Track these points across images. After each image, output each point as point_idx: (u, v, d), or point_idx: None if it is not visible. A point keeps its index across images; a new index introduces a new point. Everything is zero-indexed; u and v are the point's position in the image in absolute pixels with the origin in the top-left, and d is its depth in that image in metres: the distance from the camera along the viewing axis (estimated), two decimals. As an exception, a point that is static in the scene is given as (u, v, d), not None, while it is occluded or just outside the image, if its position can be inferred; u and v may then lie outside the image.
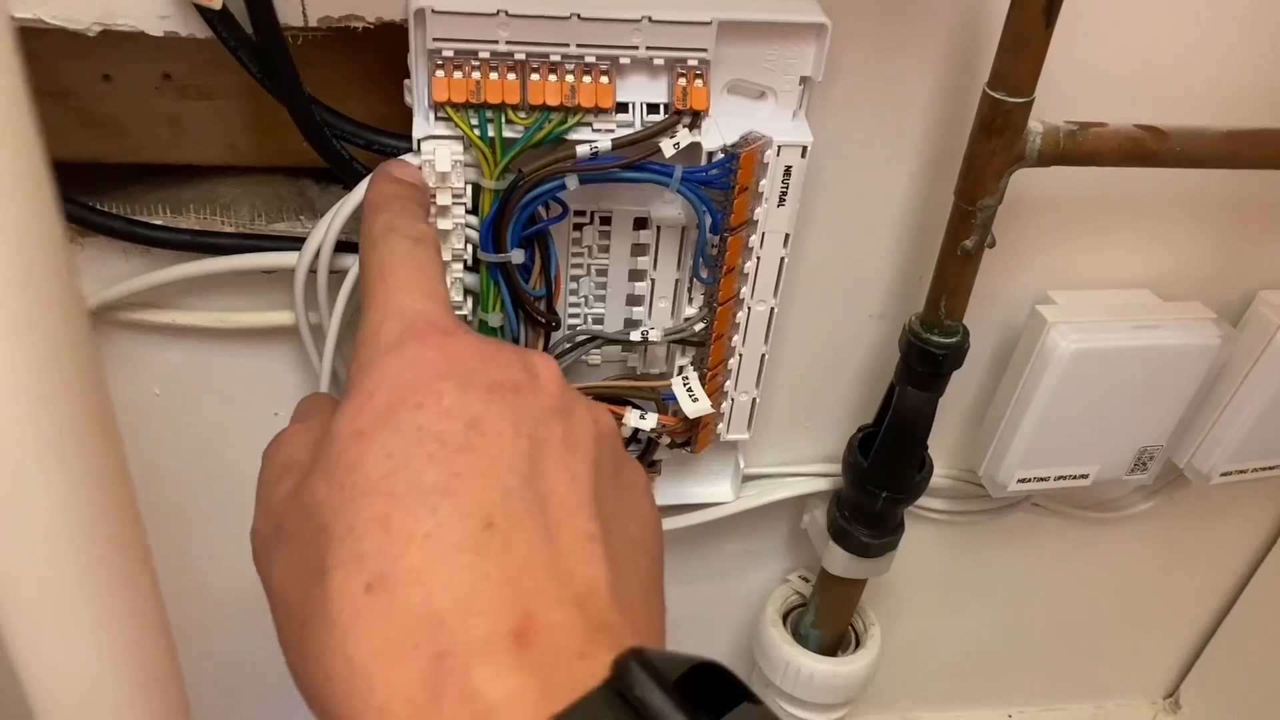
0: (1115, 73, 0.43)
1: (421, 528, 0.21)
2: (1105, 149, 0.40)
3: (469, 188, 0.36)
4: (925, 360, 0.44)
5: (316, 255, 0.39)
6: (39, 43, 0.35)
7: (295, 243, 0.39)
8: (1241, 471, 0.54)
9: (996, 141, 0.38)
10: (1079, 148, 0.39)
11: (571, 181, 0.36)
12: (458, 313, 0.39)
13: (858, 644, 0.58)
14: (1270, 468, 0.54)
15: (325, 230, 0.38)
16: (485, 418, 0.23)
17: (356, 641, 0.20)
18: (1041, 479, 0.51)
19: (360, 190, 0.37)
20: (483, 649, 0.20)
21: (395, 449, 0.22)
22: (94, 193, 0.40)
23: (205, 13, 0.33)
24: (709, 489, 0.50)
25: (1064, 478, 0.51)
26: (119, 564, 0.26)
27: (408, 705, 0.19)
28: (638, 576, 0.25)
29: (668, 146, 0.36)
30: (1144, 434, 0.51)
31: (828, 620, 0.57)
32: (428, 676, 0.19)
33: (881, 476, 0.48)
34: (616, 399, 0.43)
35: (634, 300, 0.42)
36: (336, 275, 0.39)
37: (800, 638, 0.57)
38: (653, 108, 0.36)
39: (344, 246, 0.39)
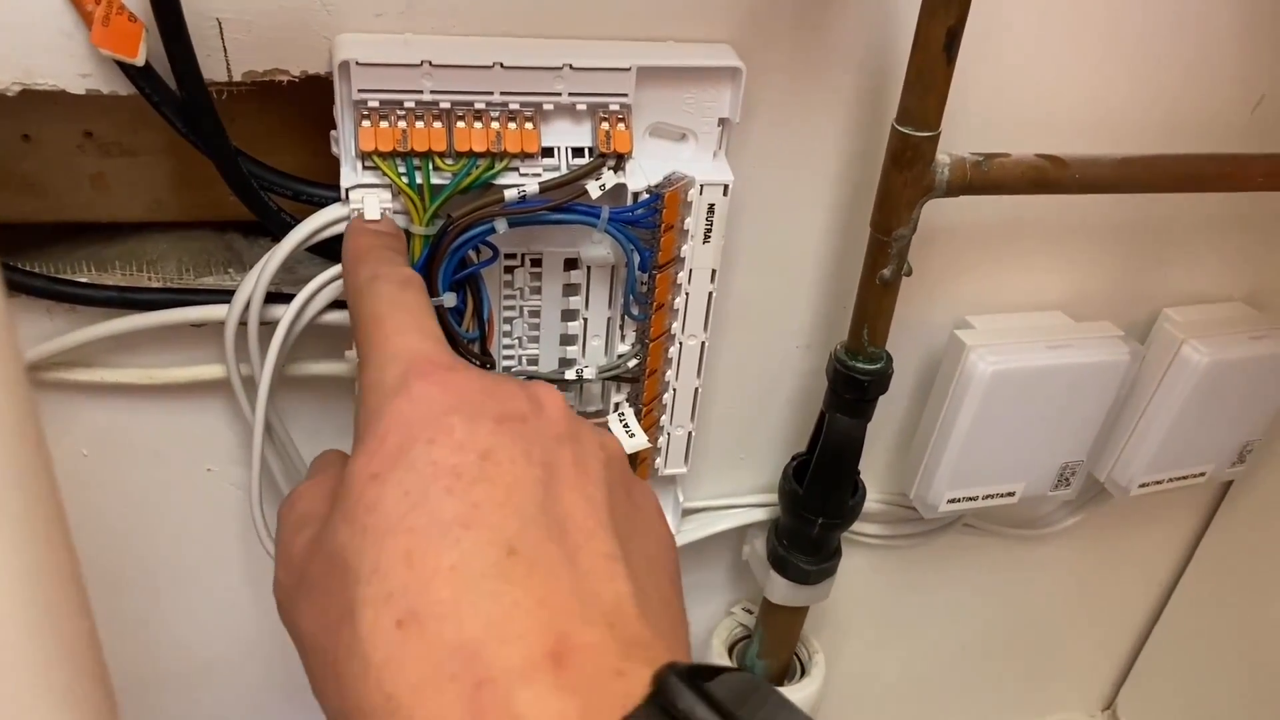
0: (1017, 106, 0.45)
1: (446, 560, 0.21)
2: (1010, 178, 0.42)
3: (399, 234, 0.37)
4: (852, 387, 0.45)
5: (246, 307, 0.38)
6: (-44, 104, 0.35)
7: (224, 296, 0.39)
8: (1158, 482, 0.56)
9: (907, 174, 0.40)
10: (985, 178, 0.41)
11: (501, 225, 0.36)
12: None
13: (803, 673, 0.59)
14: (1185, 477, 0.57)
15: (255, 281, 0.38)
16: (496, 448, 0.24)
17: (393, 678, 0.20)
18: (970, 498, 0.52)
19: (290, 240, 0.37)
20: (521, 674, 0.20)
21: (412, 486, 0.23)
22: (16, 252, 0.40)
23: (128, 69, 0.34)
24: (649, 524, 0.51)
25: (992, 496, 0.53)
26: (62, 630, 0.26)
27: None
28: (659, 592, 0.25)
29: (594, 188, 0.37)
30: (1064, 450, 0.53)
31: (772, 650, 0.57)
32: (468, 705, 0.20)
33: (816, 503, 0.49)
34: (554, 438, 0.43)
35: (567, 340, 0.43)
36: (267, 327, 0.39)
37: (746, 669, 0.58)
38: (578, 151, 0.37)
39: (274, 298, 0.39)
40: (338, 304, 0.39)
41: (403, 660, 0.21)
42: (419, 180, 0.35)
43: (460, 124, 0.35)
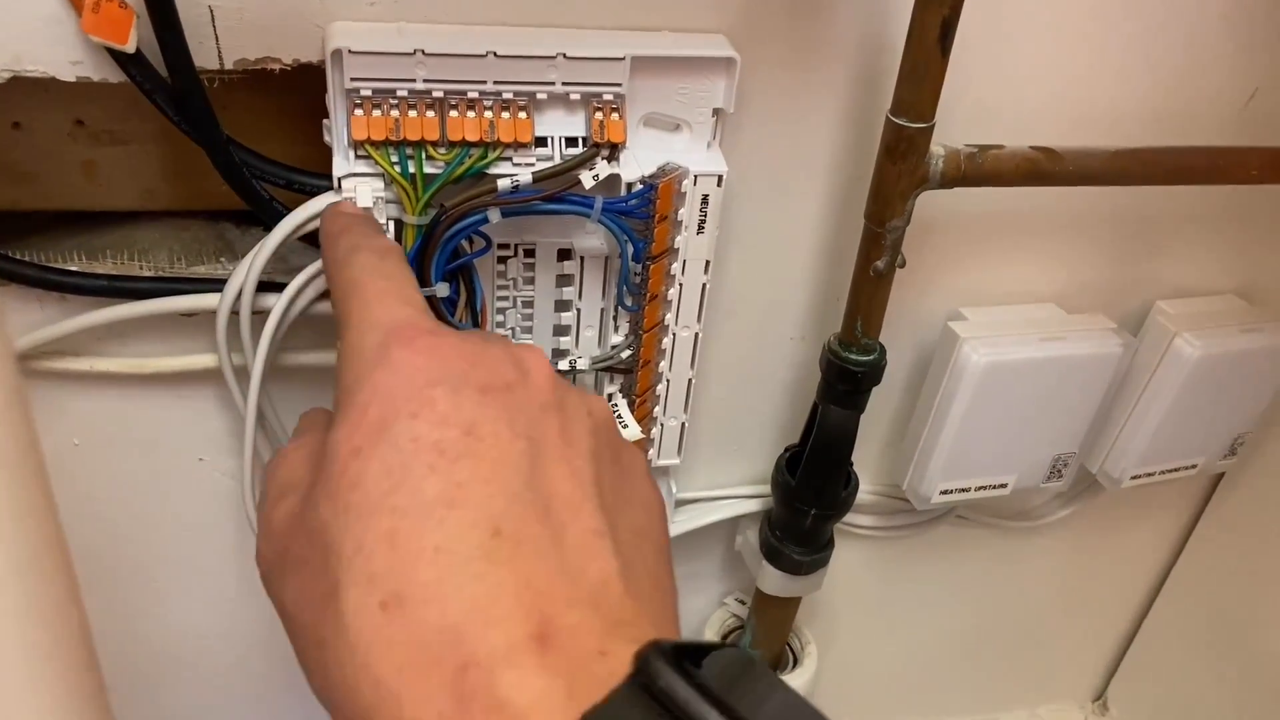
0: (1011, 99, 0.45)
1: (430, 541, 0.21)
2: (1004, 170, 0.42)
3: (391, 224, 0.36)
4: (845, 378, 0.45)
5: (238, 296, 0.38)
6: (-55, 91, 0.35)
7: (216, 285, 0.39)
8: (1150, 474, 0.56)
9: (901, 165, 0.40)
10: (979, 169, 0.41)
11: (494, 215, 0.36)
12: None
13: (795, 663, 0.59)
14: (1177, 469, 0.57)
15: (247, 270, 0.38)
16: (480, 421, 0.23)
17: (379, 660, 0.20)
18: (963, 490, 0.53)
19: (282, 228, 0.37)
20: (505, 657, 0.20)
21: (395, 463, 0.22)
22: (6, 241, 0.39)
23: (118, 56, 0.33)
24: (642, 515, 0.51)
25: (984, 488, 0.53)
26: (50, 619, 0.26)
27: (437, 718, 0.20)
28: (646, 566, 0.25)
29: (587, 178, 0.37)
30: (1057, 442, 0.53)
31: (765, 641, 0.57)
32: (454, 689, 0.20)
33: (809, 494, 0.49)
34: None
35: (561, 330, 0.43)
36: (259, 316, 0.39)
37: (739, 646, 0.58)
38: (571, 141, 0.37)
39: (266, 286, 0.38)
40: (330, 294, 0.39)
41: (387, 643, 0.21)
42: (411, 169, 0.35)
43: (453, 113, 0.35)
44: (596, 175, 0.37)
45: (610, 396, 0.44)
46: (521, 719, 0.19)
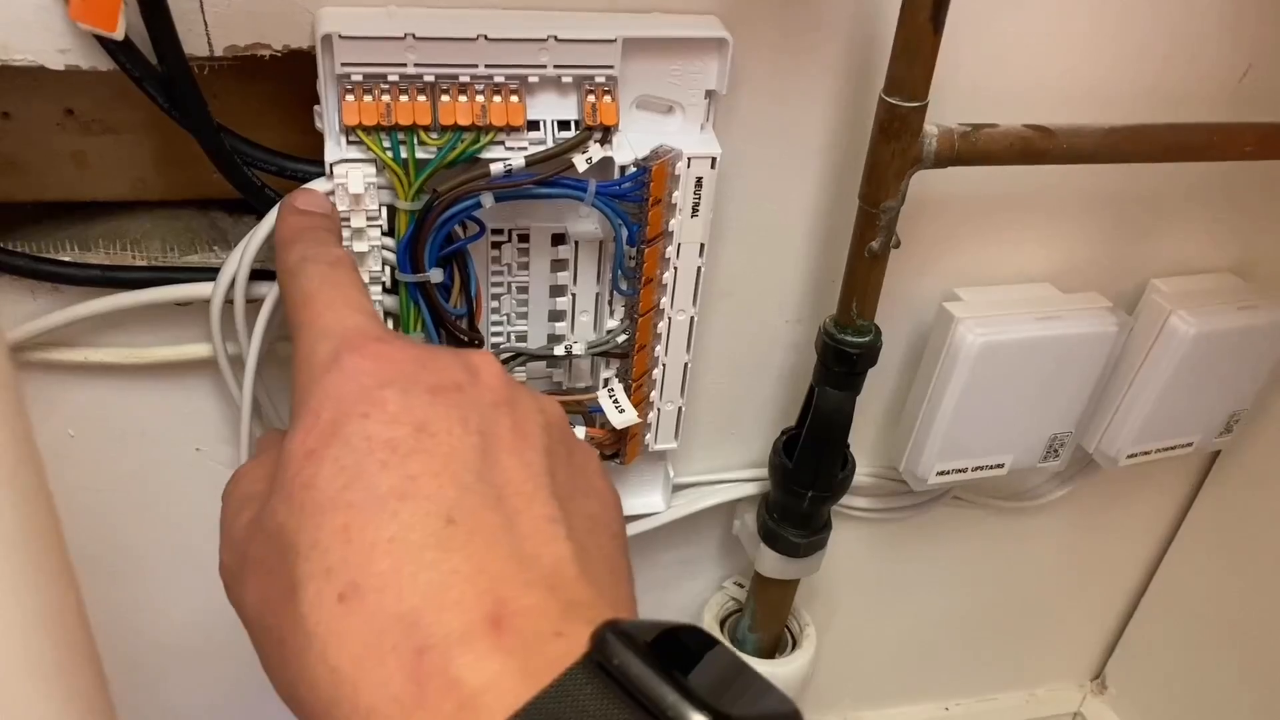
0: (1005, 77, 0.45)
1: (385, 533, 0.22)
2: (997, 148, 0.42)
3: (384, 209, 0.36)
4: (841, 360, 0.45)
5: (232, 285, 0.38)
6: (-67, 81, 0.34)
7: (209, 274, 0.39)
8: (1146, 453, 0.56)
9: (895, 145, 0.40)
10: (973, 148, 0.41)
11: (487, 199, 0.36)
12: (379, 335, 0.39)
13: (794, 645, 0.59)
14: (1173, 447, 0.57)
15: (240, 258, 0.38)
16: (432, 419, 0.24)
17: (337, 651, 0.21)
18: (960, 470, 0.53)
19: (274, 216, 0.37)
20: (460, 639, 0.20)
21: (347, 461, 0.23)
22: (-3, 232, 0.39)
23: (107, 44, 0.33)
24: (640, 500, 0.51)
25: (981, 468, 0.53)
26: (51, 614, 0.26)
27: (394, 704, 0.20)
28: (602, 552, 0.25)
29: (580, 162, 0.37)
30: (1053, 421, 0.53)
31: (763, 623, 0.57)
32: (410, 673, 0.20)
33: (806, 476, 0.49)
34: (543, 414, 0.43)
35: (556, 315, 0.43)
36: (253, 304, 0.39)
37: (738, 642, 0.58)
38: (564, 124, 0.37)
39: (259, 274, 0.38)
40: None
41: (344, 633, 0.21)
42: (404, 155, 0.35)
43: (445, 97, 0.35)
44: (590, 158, 0.37)
45: (606, 381, 0.44)
46: (476, 698, 0.19)
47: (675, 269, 0.41)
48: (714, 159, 0.39)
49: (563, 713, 0.19)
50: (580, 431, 0.43)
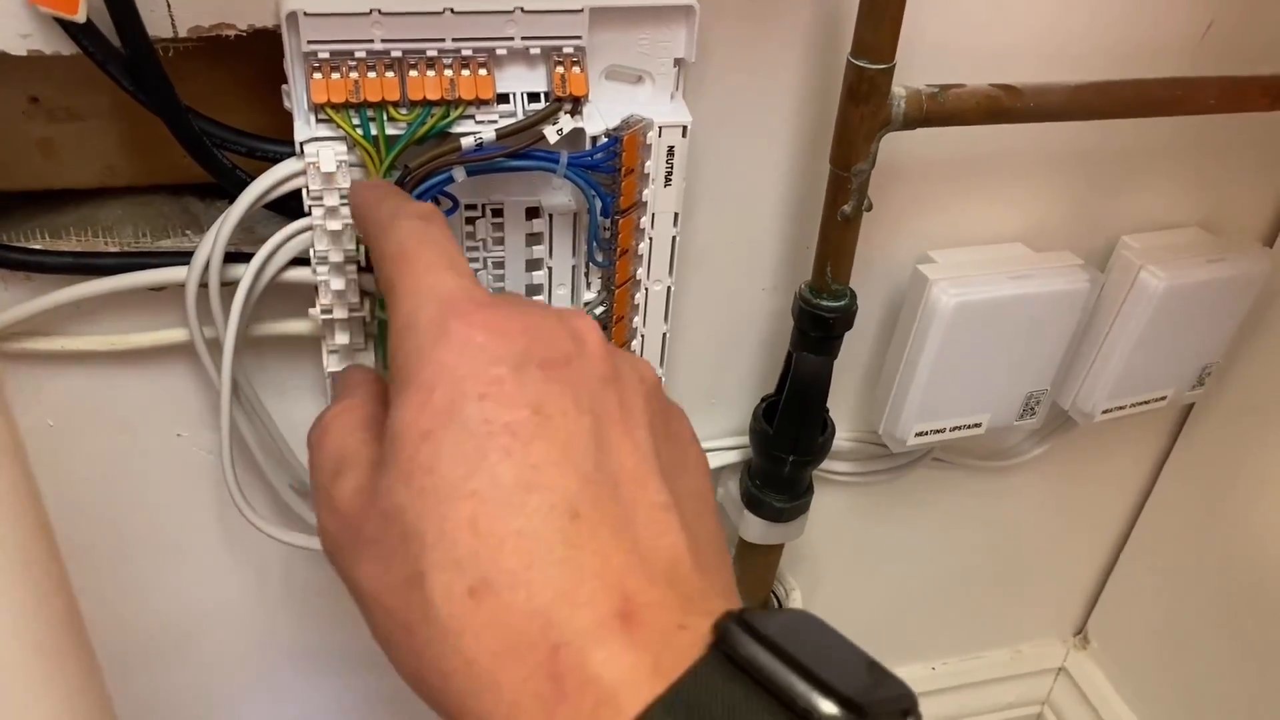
0: (971, 37, 0.45)
1: (512, 526, 0.22)
2: (965, 108, 0.42)
3: (357, 187, 0.36)
4: (817, 325, 0.46)
5: (206, 268, 0.38)
6: (-107, 71, 0.34)
7: (183, 258, 0.39)
8: (1121, 408, 0.57)
9: (864, 108, 0.40)
10: (941, 109, 0.41)
11: (459, 174, 0.36)
12: (355, 314, 0.39)
13: (780, 610, 0.60)
14: (1147, 401, 0.58)
15: (213, 240, 0.37)
16: (546, 399, 0.24)
17: (472, 645, 0.21)
18: (938, 430, 0.53)
19: (246, 197, 0.37)
20: (594, 635, 0.21)
21: (468, 447, 0.23)
22: (-35, 223, 0.39)
23: (69, 27, 0.33)
24: (623, 471, 0.51)
25: (959, 428, 0.54)
26: (42, 605, 0.26)
27: (536, 699, 0.20)
28: (707, 534, 0.26)
29: (551, 133, 0.37)
30: (1029, 379, 0.54)
31: (750, 589, 0.58)
32: (548, 670, 0.21)
33: (787, 441, 0.49)
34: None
35: (533, 289, 0.43)
36: (228, 287, 0.39)
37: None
38: (534, 96, 0.37)
39: (234, 257, 0.38)
40: (299, 261, 0.39)
41: (480, 629, 0.21)
42: (374, 131, 0.35)
43: (413, 73, 0.35)
44: (560, 130, 0.37)
45: (585, 353, 0.44)
46: (613, 693, 0.20)
47: (650, 239, 0.41)
48: (685, 127, 0.39)
49: (699, 702, 0.20)
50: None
